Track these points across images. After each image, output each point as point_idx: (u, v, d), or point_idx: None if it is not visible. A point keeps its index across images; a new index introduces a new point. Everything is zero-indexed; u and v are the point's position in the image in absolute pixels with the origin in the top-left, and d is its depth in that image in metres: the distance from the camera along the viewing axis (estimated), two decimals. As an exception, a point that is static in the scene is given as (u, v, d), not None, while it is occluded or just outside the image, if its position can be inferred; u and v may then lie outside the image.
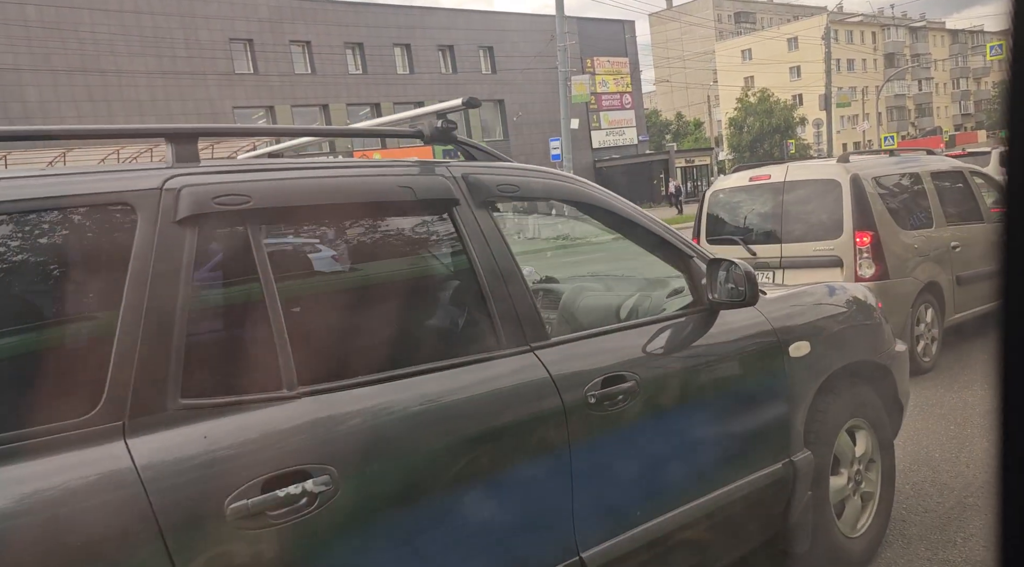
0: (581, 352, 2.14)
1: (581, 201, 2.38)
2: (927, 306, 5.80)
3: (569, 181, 2.38)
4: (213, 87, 33.81)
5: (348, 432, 1.62)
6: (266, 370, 1.57)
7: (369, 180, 1.91)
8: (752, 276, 2.39)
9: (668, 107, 78.71)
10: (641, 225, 2.49)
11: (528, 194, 2.30)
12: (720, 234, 6.32)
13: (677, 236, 2.59)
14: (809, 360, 2.76)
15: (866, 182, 5.59)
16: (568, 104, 26.83)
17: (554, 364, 2.03)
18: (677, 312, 2.55)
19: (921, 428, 4.56)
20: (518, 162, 2.32)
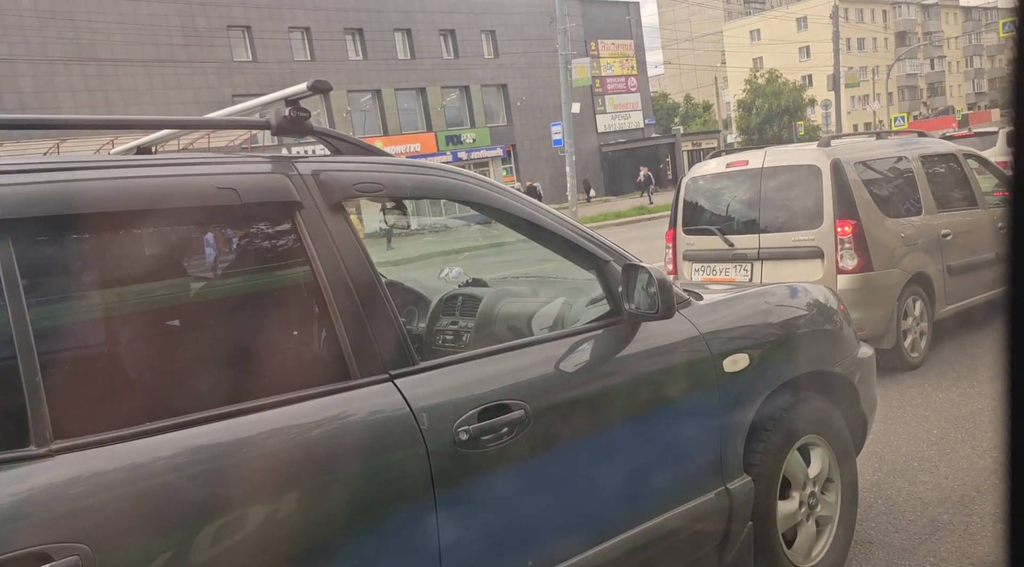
0: (456, 379, 1.83)
1: (469, 200, 2.07)
2: (915, 298, 5.45)
3: (454, 177, 2.06)
4: (212, 75, 33.53)
5: (114, 498, 1.32)
6: (8, 418, 1.28)
7: (174, 181, 1.59)
8: (667, 285, 2.07)
9: (676, 89, 77.84)
10: (543, 226, 2.17)
11: (397, 193, 1.98)
12: (696, 224, 5.97)
13: (590, 237, 2.27)
14: (748, 375, 2.44)
15: (848, 167, 5.22)
16: (569, 88, 26.39)
17: (418, 395, 1.72)
18: (590, 325, 2.23)
19: (902, 432, 4.24)
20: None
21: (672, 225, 6.19)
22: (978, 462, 3.73)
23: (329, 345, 1.70)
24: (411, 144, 38.15)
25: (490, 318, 2.70)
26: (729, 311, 2.57)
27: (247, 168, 1.72)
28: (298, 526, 1.50)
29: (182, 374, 1.63)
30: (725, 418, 2.39)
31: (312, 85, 1.80)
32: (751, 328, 2.57)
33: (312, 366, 1.78)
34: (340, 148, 1.96)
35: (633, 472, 2.16)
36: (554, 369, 2.02)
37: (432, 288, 3.19)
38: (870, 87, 63.55)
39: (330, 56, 36.89)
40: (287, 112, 1.81)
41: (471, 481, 1.77)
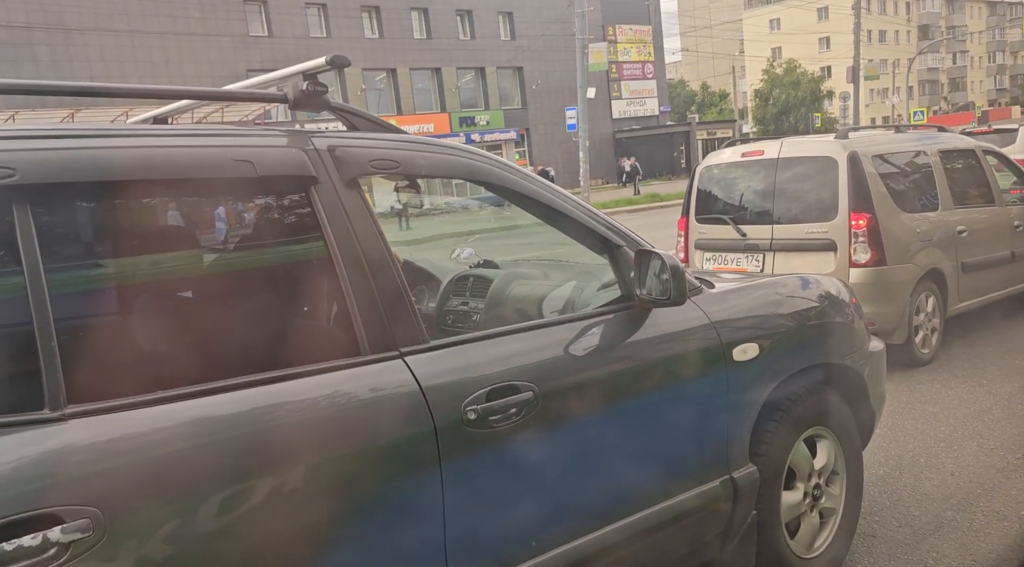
0: (466, 359, 1.83)
1: (485, 181, 2.06)
2: (928, 294, 5.40)
3: (470, 157, 2.05)
4: (228, 49, 33.48)
5: (126, 464, 1.33)
6: (23, 382, 1.28)
7: (192, 152, 1.59)
8: (679, 272, 2.06)
9: (694, 77, 77.19)
10: (558, 209, 2.16)
11: (413, 171, 1.97)
12: (709, 212, 5.93)
13: (604, 221, 2.25)
14: (758, 364, 2.43)
15: (865, 160, 5.17)
16: (585, 73, 26.19)
17: (428, 374, 1.73)
18: (601, 309, 2.23)
19: (910, 428, 4.23)
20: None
21: (685, 213, 6.15)
22: (984, 460, 3.71)
23: (341, 321, 1.71)
24: (425, 124, 38.03)
25: (500, 300, 2.70)
26: (740, 300, 2.56)
27: (264, 141, 1.72)
28: (305, 498, 1.51)
29: (194, 345, 1.63)
30: (733, 407, 2.38)
31: (331, 59, 1.79)
32: (762, 318, 2.55)
33: (323, 341, 1.78)
34: (356, 124, 1.96)
35: (639, 457, 2.16)
36: (564, 352, 2.02)
37: (443, 268, 3.19)
38: (890, 80, 62.80)
39: (346, 33, 36.73)
40: (305, 86, 1.80)
41: (478, 460, 1.78)
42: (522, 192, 2.11)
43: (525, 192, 2.11)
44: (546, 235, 2.41)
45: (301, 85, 1.81)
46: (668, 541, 2.22)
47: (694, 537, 2.32)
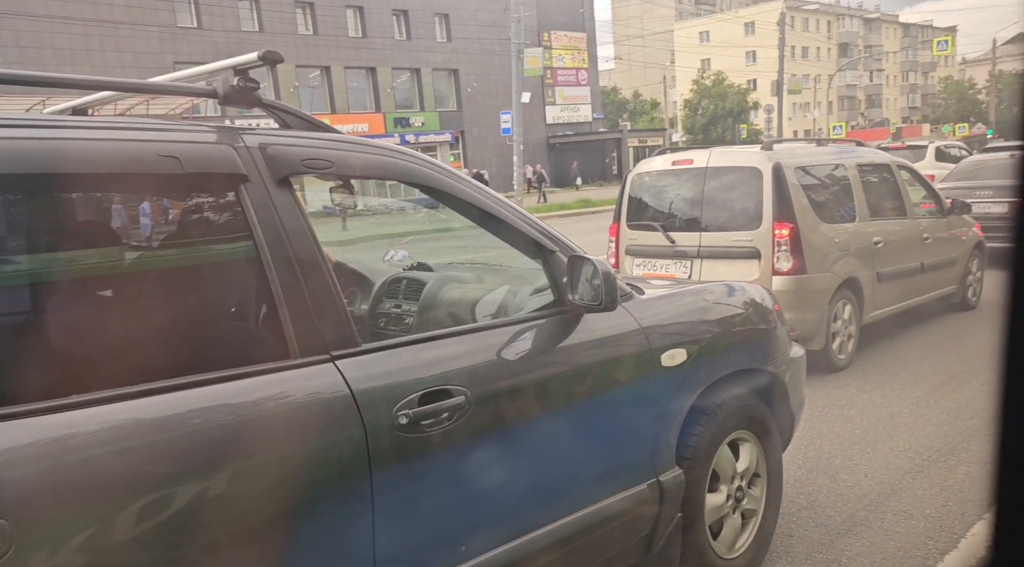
0: (398, 362, 1.81)
1: (419, 183, 2.04)
2: (845, 302, 5.64)
3: (405, 159, 2.03)
4: (154, 40, 32.32)
5: (36, 472, 1.26)
6: None
7: (114, 145, 1.52)
8: (611, 278, 2.09)
9: (626, 85, 78.56)
10: (492, 213, 2.16)
11: (346, 171, 1.94)
12: (640, 219, 6.05)
13: (537, 226, 2.27)
14: (685, 370, 2.49)
15: (788, 172, 5.36)
16: (520, 77, 26.34)
17: (359, 377, 1.70)
18: (533, 314, 2.24)
19: (826, 431, 4.40)
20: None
21: (616, 219, 6.26)
22: (895, 461, 3.90)
23: (270, 323, 1.66)
24: (359, 124, 37.54)
25: (434, 303, 2.69)
26: (669, 306, 2.62)
27: (191, 137, 1.66)
28: (229, 506, 1.47)
29: (113, 347, 1.57)
30: (661, 411, 2.43)
31: (263, 55, 1.74)
32: (689, 324, 2.62)
33: (251, 344, 1.73)
34: (289, 122, 1.92)
35: (570, 461, 2.18)
36: (497, 356, 2.02)
37: (376, 270, 3.16)
38: (811, 95, 65.40)
39: (279, 28, 35.95)
40: (235, 81, 1.75)
41: (408, 466, 1.76)
42: (456, 195, 2.11)
43: (459, 195, 2.11)
44: (480, 238, 2.41)
45: (231, 80, 1.76)
46: (596, 544, 2.25)
47: (621, 539, 2.35)
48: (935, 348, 6.13)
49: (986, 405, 4.65)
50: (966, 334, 6.59)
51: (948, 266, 6.88)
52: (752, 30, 71.04)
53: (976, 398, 4.83)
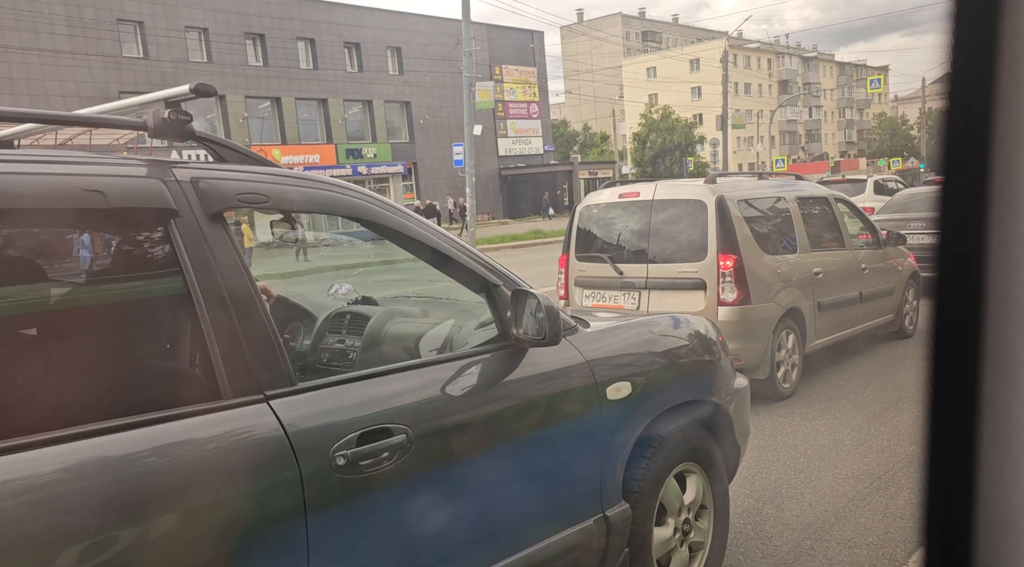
0: (336, 401, 1.77)
1: (361, 217, 2.02)
2: (789, 332, 5.76)
3: (346, 193, 2.01)
4: (98, 69, 31.73)
5: None
6: None
7: (35, 180, 1.47)
8: (554, 312, 2.09)
9: (577, 118, 79.91)
10: (435, 247, 2.15)
11: (284, 205, 1.91)
12: (589, 251, 6.11)
13: (481, 260, 2.26)
14: (631, 403, 2.50)
15: (731, 204, 5.49)
16: (472, 110, 26.59)
17: (294, 418, 1.65)
18: (478, 348, 2.22)
19: (772, 460, 4.45)
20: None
21: (565, 251, 6.31)
22: (838, 489, 3.96)
23: (200, 362, 1.61)
24: (310, 155, 37.33)
25: (378, 338, 2.64)
26: (614, 339, 2.63)
27: (119, 170, 1.61)
28: (152, 559, 1.40)
29: (30, 389, 1.49)
30: (606, 445, 2.43)
31: (195, 87, 1.71)
32: (634, 356, 2.63)
33: (179, 384, 1.67)
34: (225, 156, 1.88)
35: (515, 498, 2.15)
36: (439, 393, 1.99)
37: (320, 304, 3.10)
38: (755, 129, 67.47)
39: (228, 59, 35.68)
40: (167, 114, 1.72)
41: (346, 508, 1.71)
42: (398, 230, 2.09)
43: (401, 230, 2.09)
44: (428, 270, 2.40)
45: (162, 112, 1.72)
46: None
47: (569, 576, 2.32)
48: (875, 376, 6.28)
49: (919, 436, 4.77)
50: (904, 361, 6.78)
51: (886, 295, 7.09)
52: (697, 67, 73.21)
53: (914, 425, 4.95)
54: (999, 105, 0.62)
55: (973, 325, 0.65)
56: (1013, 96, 0.62)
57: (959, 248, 0.68)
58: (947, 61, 0.66)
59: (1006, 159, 0.63)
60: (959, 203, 0.68)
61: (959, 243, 0.68)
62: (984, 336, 0.64)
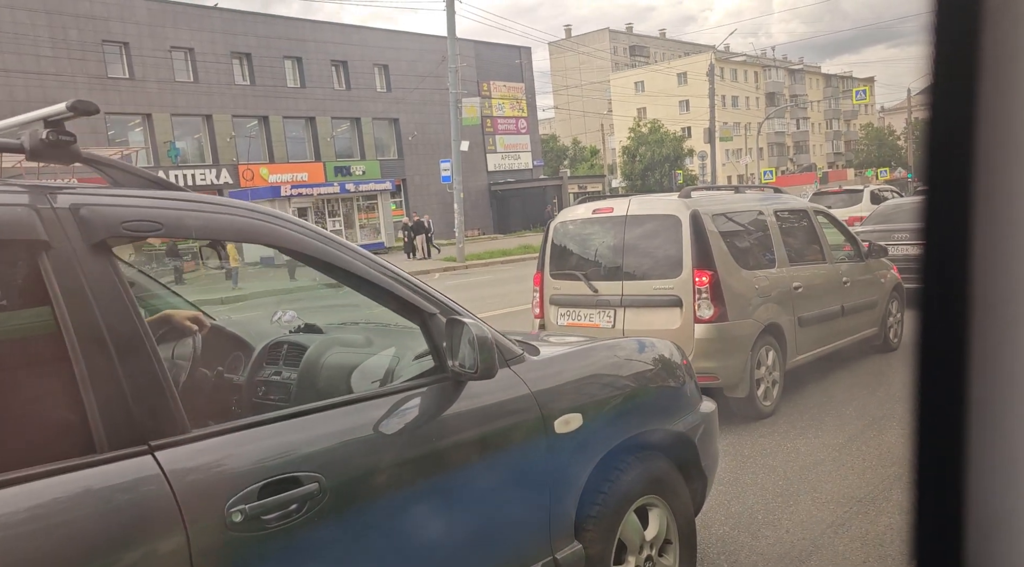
0: (235, 449, 1.61)
1: (273, 243, 1.87)
2: (768, 348, 5.61)
3: (254, 217, 1.84)
4: (83, 90, 31.48)
5: None
6: None
7: None
8: (487, 343, 1.94)
9: (566, 133, 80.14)
10: (358, 273, 1.99)
11: (179, 232, 1.75)
12: (563, 268, 5.97)
13: (412, 286, 2.11)
14: (582, 435, 2.34)
15: (706, 219, 5.36)
16: (459, 126, 26.57)
17: (183, 471, 1.49)
18: (409, 382, 2.06)
19: (750, 482, 4.29)
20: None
21: (540, 268, 6.16)
22: (817, 515, 3.80)
23: (71, 410, 1.45)
24: (298, 173, 37.21)
25: (314, 370, 2.48)
26: (565, 367, 2.47)
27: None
28: None
29: None
30: (555, 482, 2.27)
31: (73, 105, 1.56)
32: (588, 385, 2.48)
33: (46, 436, 1.51)
34: (118, 179, 1.73)
35: (449, 547, 1.99)
36: (360, 433, 1.83)
37: (263, 333, 2.94)
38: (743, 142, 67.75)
39: (214, 79, 35.61)
40: (45, 134, 1.56)
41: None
42: (320, 256, 1.94)
43: (323, 256, 1.94)
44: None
45: (41, 133, 1.57)
46: None
47: (514, 627, 2.15)
48: (859, 391, 6.14)
49: (906, 451, 4.62)
50: (888, 375, 6.65)
51: (869, 309, 6.97)
52: (685, 80, 73.59)
53: (897, 443, 4.81)
54: (981, 116, 0.62)
55: (959, 334, 0.65)
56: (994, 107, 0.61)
57: (944, 258, 0.68)
58: (929, 73, 0.66)
59: (988, 169, 0.62)
60: (943, 213, 0.67)
61: (944, 253, 0.68)
62: (970, 345, 0.64)
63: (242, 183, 35.23)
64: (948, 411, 0.67)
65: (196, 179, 34.85)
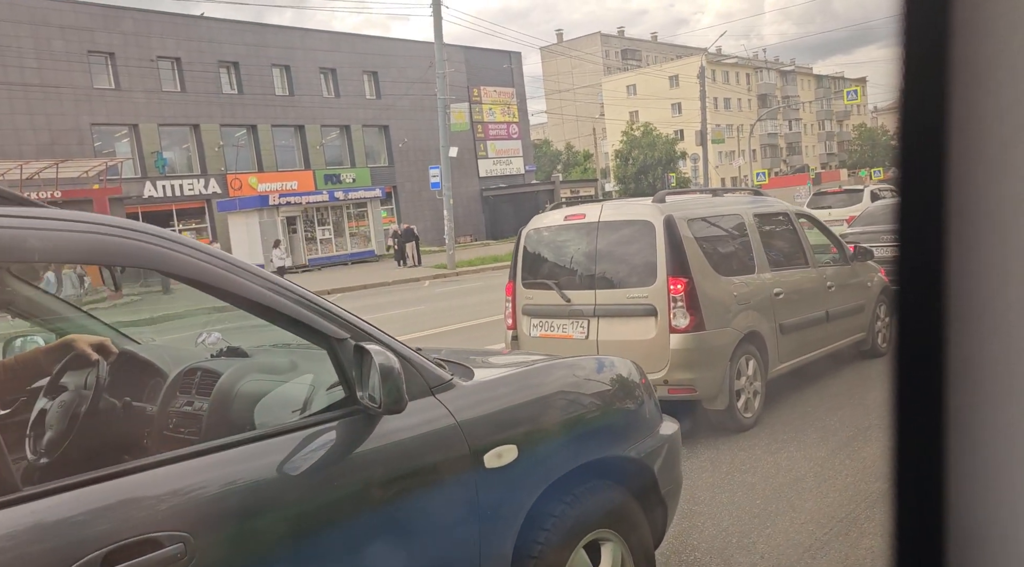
0: (76, 508, 1.38)
1: (142, 264, 1.64)
2: (749, 357, 5.39)
3: (115, 234, 1.60)
4: (68, 102, 31.31)
5: None
6: None
7: None
8: (393, 374, 1.71)
9: (559, 138, 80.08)
10: (250, 296, 1.76)
11: (20, 256, 1.53)
12: (535, 277, 5.75)
13: (319, 308, 1.88)
14: (519, 468, 2.12)
15: (681, 224, 5.14)
16: (447, 132, 26.39)
17: (9, 542, 1.26)
18: (315, 417, 1.84)
19: (726, 502, 4.07)
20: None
21: (512, 278, 5.94)
22: (794, 537, 3.57)
23: None
24: (288, 182, 36.98)
25: (226, 400, 2.25)
26: (502, 392, 2.25)
27: None
28: None
29: None
30: (486, 522, 2.04)
31: None
32: (526, 411, 2.25)
33: None
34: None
35: None
36: (245, 480, 1.60)
37: (185, 357, 2.71)
38: (736, 144, 67.70)
39: (201, 88, 35.38)
40: None
41: None
42: (203, 279, 1.71)
43: (205, 277, 1.71)
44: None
45: None
46: None
47: None
48: (845, 399, 5.93)
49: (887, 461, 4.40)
50: (876, 382, 6.43)
51: (855, 313, 6.76)
52: (676, 83, 73.54)
53: (882, 456, 4.57)
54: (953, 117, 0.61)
55: (936, 337, 0.65)
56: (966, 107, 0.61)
57: (918, 261, 0.67)
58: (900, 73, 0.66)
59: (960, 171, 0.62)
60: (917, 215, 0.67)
61: (919, 257, 0.67)
62: (947, 347, 0.64)
63: (231, 193, 34.98)
64: (926, 419, 0.66)
65: (184, 189, 34.61)
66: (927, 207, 0.64)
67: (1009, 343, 0.61)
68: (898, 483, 0.72)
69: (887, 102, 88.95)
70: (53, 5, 31.17)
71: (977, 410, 0.63)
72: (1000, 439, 0.62)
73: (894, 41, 0.65)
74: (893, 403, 0.69)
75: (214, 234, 34.08)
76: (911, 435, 0.70)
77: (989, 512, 0.63)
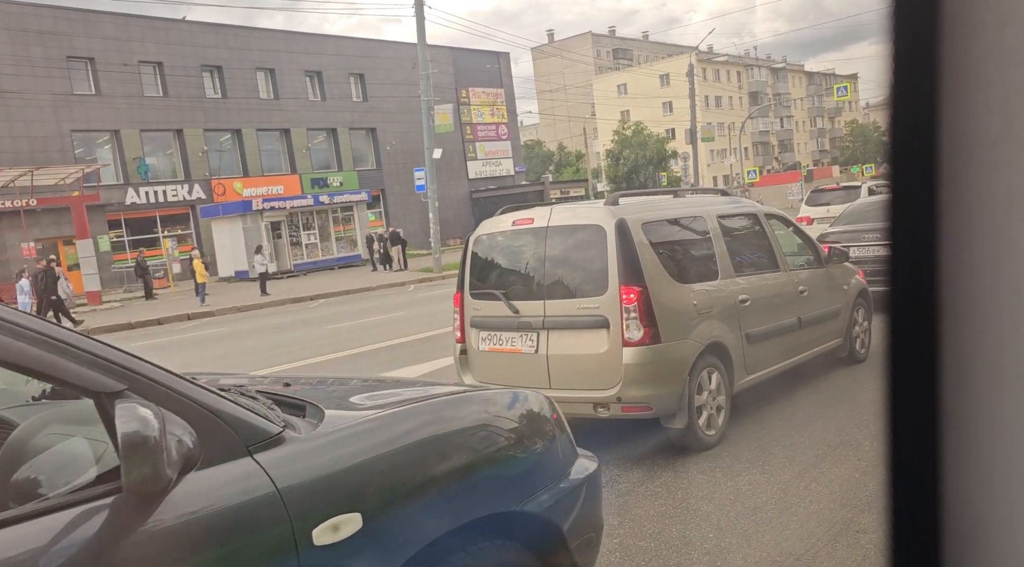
0: None
1: None
2: (711, 371, 4.99)
3: None
4: (47, 108, 30.83)
5: None
6: None
7: None
8: (147, 444, 1.32)
9: (551, 138, 79.68)
10: None
11: None
12: (483, 287, 5.35)
13: (83, 352, 1.48)
14: (361, 542, 1.72)
15: (635, 228, 4.74)
16: (431, 133, 26.00)
17: None
18: (75, 495, 1.44)
19: (676, 537, 3.67)
20: None
21: (460, 287, 5.54)
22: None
23: None
24: (273, 186, 36.54)
25: (18, 457, 1.85)
26: (351, 443, 1.85)
27: None
28: None
29: None
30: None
31: None
32: (382, 465, 1.85)
33: None
34: None
35: None
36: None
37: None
38: (727, 142, 67.37)
39: (184, 92, 34.93)
40: None
41: None
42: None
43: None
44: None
45: None
46: None
47: None
48: (818, 412, 5.55)
49: (859, 489, 4.02)
50: (854, 391, 6.05)
51: (830, 318, 6.37)
52: (667, 81, 73.18)
53: (851, 478, 4.20)
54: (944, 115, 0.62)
55: (929, 334, 0.65)
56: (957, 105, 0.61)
57: (910, 262, 0.67)
58: (890, 72, 0.66)
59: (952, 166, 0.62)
60: (908, 211, 0.67)
61: (910, 257, 0.67)
62: (940, 344, 0.64)
63: (215, 198, 34.52)
64: (920, 417, 0.67)
65: (168, 195, 34.15)
66: (918, 203, 0.65)
67: (1002, 339, 0.61)
68: (893, 482, 0.72)
69: (878, 98, 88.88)
70: (30, 10, 30.72)
71: (971, 408, 0.63)
72: (995, 437, 0.63)
73: (885, 37, 0.65)
74: (886, 403, 0.70)
75: (198, 240, 33.63)
76: (905, 434, 0.70)
77: (984, 510, 0.63)
